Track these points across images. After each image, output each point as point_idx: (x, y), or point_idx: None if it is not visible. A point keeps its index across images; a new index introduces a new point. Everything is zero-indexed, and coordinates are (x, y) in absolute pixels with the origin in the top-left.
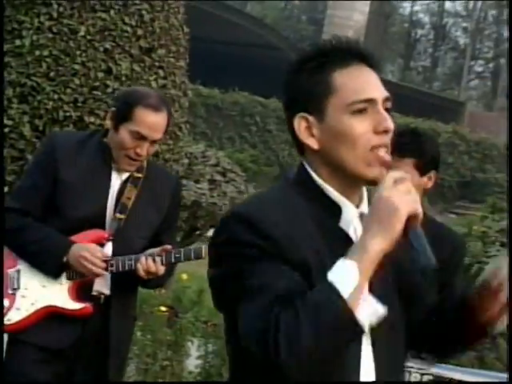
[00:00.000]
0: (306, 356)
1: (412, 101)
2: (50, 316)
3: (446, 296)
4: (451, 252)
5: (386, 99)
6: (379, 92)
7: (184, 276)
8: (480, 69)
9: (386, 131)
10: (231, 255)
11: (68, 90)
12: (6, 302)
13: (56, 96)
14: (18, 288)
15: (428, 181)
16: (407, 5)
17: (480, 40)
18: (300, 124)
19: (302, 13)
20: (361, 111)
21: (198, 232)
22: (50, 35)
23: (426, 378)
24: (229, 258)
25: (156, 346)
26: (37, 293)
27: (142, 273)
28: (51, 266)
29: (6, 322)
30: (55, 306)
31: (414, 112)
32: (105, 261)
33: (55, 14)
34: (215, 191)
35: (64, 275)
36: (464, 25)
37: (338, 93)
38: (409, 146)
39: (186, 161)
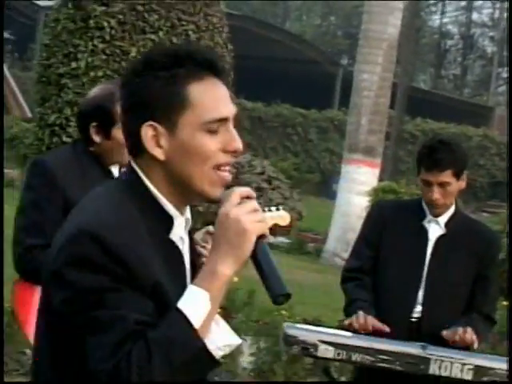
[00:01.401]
0: None
1: (444, 107)
2: None
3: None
4: (486, 247)
5: (234, 116)
6: (231, 110)
7: (235, 279)
8: (507, 75)
9: (233, 152)
10: (80, 278)
11: None
12: None
13: None
14: None
15: (462, 182)
16: (436, 17)
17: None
18: (147, 133)
19: (337, 28)
20: (213, 129)
21: None
22: (104, 57)
23: (466, 368)
24: (76, 282)
25: None
26: None
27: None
28: None
29: None
30: None
31: (446, 118)
32: None
33: (108, 37)
34: (262, 199)
35: None
36: (491, 34)
37: (193, 108)
38: (446, 161)
39: (233, 170)
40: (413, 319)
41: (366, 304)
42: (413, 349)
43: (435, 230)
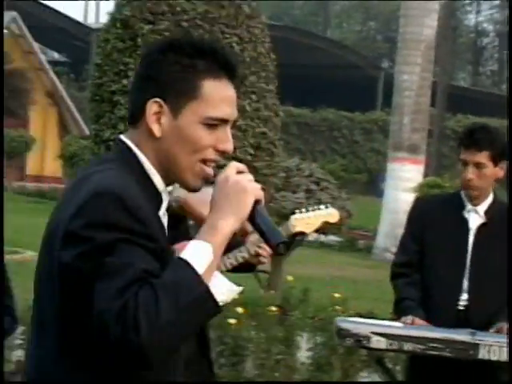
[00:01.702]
0: (166, 331)
1: (484, 103)
2: None
3: None
4: None
5: (234, 121)
6: (234, 114)
7: (289, 278)
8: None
9: (223, 152)
10: (101, 237)
11: None
12: None
13: None
14: None
15: (500, 170)
16: (472, 16)
17: None
18: (152, 108)
19: (377, 33)
20: (212, 126)
21: (297, 237)
22: None
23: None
24: (97, 239)
25: (269, 343)
26: None
27: (265, 259)
28: None
29: None
30: None
31: (486, 113)
32: None
33: None
34: (311, 199)
35: None
36: None
37: (201, 101)
38: (484, 141)
39: (282, 174)
40: (460, 307)
41: (414, 304)
42: (462, 336)
43: (475, 219)
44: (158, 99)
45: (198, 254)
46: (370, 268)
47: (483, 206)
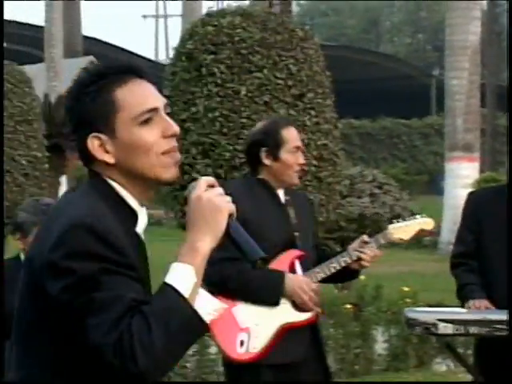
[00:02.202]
0: (161, 356)
1: None
2: (284, 333)
3: None
4: None
5: (166, 105)
6: (159, 101)
7: (362, 277)
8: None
9: (173, 135)
10: (80, 268)
11: (240, 141)
12: (244, 336)
13: (231, 147)
14: (248, 321)
15: None
16: None
17: None
18: (93, 143)
19: (426, 44)
20: (147, 121)
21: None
22: (218, 99)
23: None
24: (77, 271)
25: (347, 338)
26: (267, 318)
27: (367, 263)
28: (274, 298)
29: (251, 350)
30: (288, 323)
31: None
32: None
33: (219, 81)
34: (376, 203)
35: None
36: None
37: (122, 109)
38: None
39: (347, 181)
40: None
41: (477, 287)
42: None
43: None
44: (93, 134)
45: (182, 277)
46: (437, 262)
47: None
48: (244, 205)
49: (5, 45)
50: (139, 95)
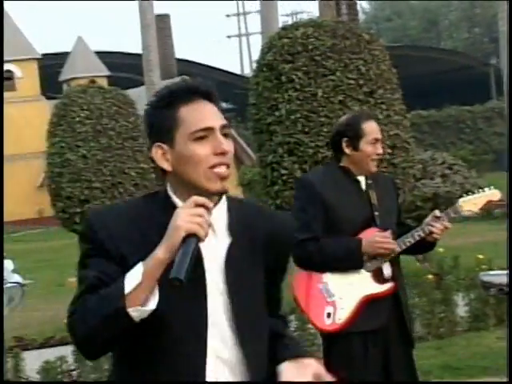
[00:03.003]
0: (91, 336)
1: None
2: (366, 304)
3: None
4: None
5: (224, 127)
6: (216, 121)
7: (441, 250)
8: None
9: (222, 153)
10: (80, 247)
11: (320, 138)
12: (330, 309)
13: (313, 144)
14: (334, 295)
15: None
16: None
17: None
18: (157, 152)
19: (482, 36)
20: (202, 138)
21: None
22: (298, 102)
23: None
24: (80, 249)
25: (431, 305)
26: (350, 291)
27: (438, 236)
28: (357, 261)
29: (337, 321)
30: (370, 294)
31: None
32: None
33: (298, 86)
34: (447, 182)
35: (361, 270)
36: None
37: (183, 125)
38: None
39: (419, 166)
40: None
41: None
42: None
43: None
44: (157, 143)
45: (132, 274)
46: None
47: None
48: (326, 192)
49: (109, 73)
50: (199, 114)
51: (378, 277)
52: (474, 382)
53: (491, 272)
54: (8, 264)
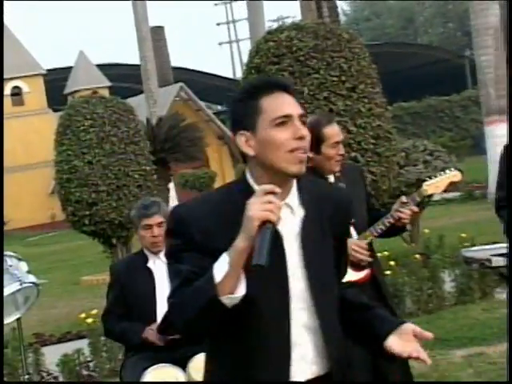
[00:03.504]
0: (191, 327)
1: None
2: None
3: None
4: None
5: (302, 115)
6: (295, 110)
7: (426, 231)
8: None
9: (300, 137)
10: (168, 242)
11: None
12: None
13: None
14: None
15: None
16: None
17: None
18: (241, 139)
19: (456, 30)
20: (282, 124)
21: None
22: None
23: None
24: (168, 243)
25: (420, 282)
26: None
27: (406, 220)
28: None
29: None
30: (347, 282)
31: None
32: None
33: None
34: (429, 168)
35: None
36: None
37: (264, 113)
38: None
39: (402, 154)
40: None
41: None
42: None
43: None
44: (241, 131)
45: (219, 264)
46: (488, 210)
47: None
48: None
49: (111, 84)
50: (279, 103)
51: (355, 264)
52: (476, 382)
53: (472, 248)
54: (23, 266)
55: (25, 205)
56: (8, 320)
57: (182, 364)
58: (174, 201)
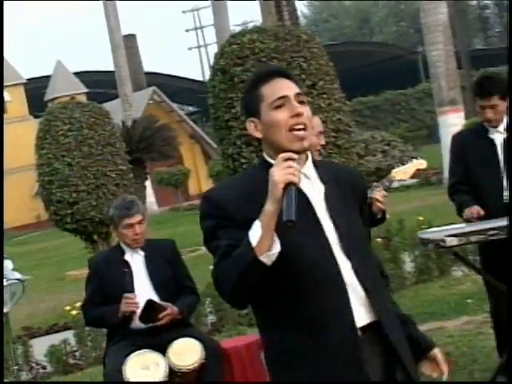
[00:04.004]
0: (237, 291)
1: (499, 56)
2: None
3: None
4: None
5: (298, 94)
6: (290, 91)
7: (387, 215)
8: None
9: (297, 114)
10: (204, 224)
11: None
12: None
13: None
14: None
15: (507, 100)
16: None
17: None
18: (250, 126)
19: (408, 28)
20: (280, 106)
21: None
22: None
23: None
24: (204, 226)
25: (382, 264)
26: None
27: (381, 204)
28: None
29: None
30: None
31: (501, 62)
32: None
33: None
34: (387, 157)
35: None
36: None
37: (265, 98)
38: (492, 88)
39: (362, 144)
40: (505, 201)
41: (470, 202)
42: None
43: (498, 136)
44: (250, 119)
45: (253, 230)
46: (443, 194)
47: (502, 125)
48: None
49: (88, 90)
50: (276, 88)
51: None
52: (475, 382)
53: (428, 230)
54: (8, 264)
55: (10, 207)
56: None
57: (162, 349)
58: (150, 197)
